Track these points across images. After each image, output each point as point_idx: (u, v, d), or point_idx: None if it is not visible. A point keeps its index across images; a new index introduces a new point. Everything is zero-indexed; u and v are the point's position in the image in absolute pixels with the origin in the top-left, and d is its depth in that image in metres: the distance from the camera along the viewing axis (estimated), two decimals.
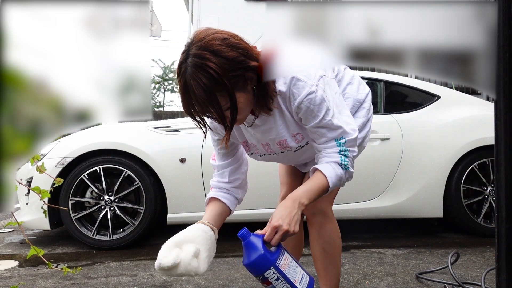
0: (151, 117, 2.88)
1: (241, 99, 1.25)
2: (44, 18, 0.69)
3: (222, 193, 1.53)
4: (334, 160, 1.35)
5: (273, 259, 1.20)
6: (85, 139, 3.13)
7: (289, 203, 1.29)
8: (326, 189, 1.35)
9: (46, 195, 1.50)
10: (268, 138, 1.45)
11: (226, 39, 1.21)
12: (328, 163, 1.35)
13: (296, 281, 1.22)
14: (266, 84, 1.28)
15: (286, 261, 1.24)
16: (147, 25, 1.11)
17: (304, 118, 1.35)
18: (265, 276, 1.20)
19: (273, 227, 1.23)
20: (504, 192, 0.93)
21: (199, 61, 1.17)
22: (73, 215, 3.03)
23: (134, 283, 2.33)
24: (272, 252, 1.22)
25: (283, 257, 1.24)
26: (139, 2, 0.75)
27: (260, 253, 1.19)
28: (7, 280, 2.39)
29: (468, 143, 3.21)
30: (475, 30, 0.95)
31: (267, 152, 1.52)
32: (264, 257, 1.19)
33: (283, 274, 1.20)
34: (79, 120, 0.70)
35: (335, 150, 1.35)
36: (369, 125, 1.65)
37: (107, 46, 0.72)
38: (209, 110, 1.21)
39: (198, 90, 1.17)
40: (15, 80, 0.65)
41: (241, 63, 1.20)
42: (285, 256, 1.25)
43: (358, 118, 1.61)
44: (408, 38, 0.95)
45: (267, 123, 1.41)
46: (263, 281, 1.22)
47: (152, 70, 20.02)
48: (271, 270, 1.19)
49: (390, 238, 3.33)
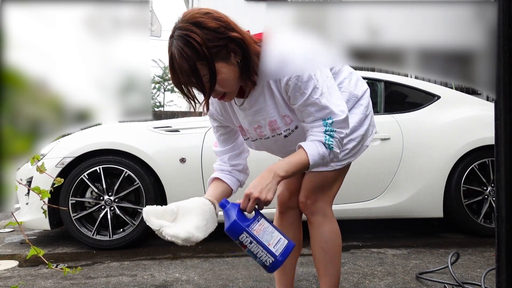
0: (151, 117, 2.88)
1: (224, 69, 1.29)
2: (44, 18, 0.69)
3: (224, 174, 1.58)
4: (318, 139, 1.37)
5: (246, 225, 1.30)
6: (85, 139, 3.13)
7: (265, 173, 1.35)
8: (306, 166, 1.37)
9: (46, 195, 1.50)
10: (259, 119, 1.47)
11: (209, 13, 1.29)
12: (312, 141, 1.38)
13: (270, 244, 1.30)
14: (249, 56, 1.32)
15: (261, 226, 1.32)
16: (147, 25, 1.12)
17: (293, 96, 1.37)
18: (240, 240, 1.30)
19: (245, 195, 1.31)
20: (504, 192, 0.93)
21: (183, 32, 1.25)
22: (73, 215, 3.03)
23: (134, 283, 2.33)
24: (246, 218, 1.32)
25: (258, 223, 1.33)
26: (139, 2, 0.75)
27: (233, 219, 1.30)
28: (7, 280, 2.39)
29: (468, 143, 3.21)
30: (475, 30, 0.95)
31: (259, 136, 1.54)
32: (236, 223, 1.29)
33: (256, 238, 1.30)
34: (79, 120, 0.70)
35: (321, 130, 1.38)
36: (367, 123, 1.65)
37: (107, 46, 0.72)
38: (191, 80, 1.27)
39: (180, 59, 1.24)
40: (15, 80, 0.65)
41: (222, 33, 1.27)
42: (260, 222, 1.33)
43: (354, 115, 1.61)
44: (408, 38, 0.95)
45: (257, 103, 1.43)
46: (240, 244, 1.32)
47: (152, 70, 20.01)
48: (244, 234, 1.29)
49: (390, 238, 3.33)
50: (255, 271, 2.51)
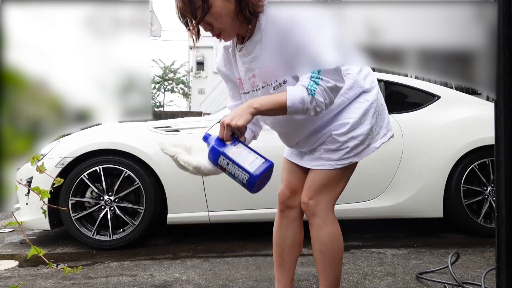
0: (151, 117, 2.88)
1: (218, 3, 1.36)
2: (44, 18, 0.69)
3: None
4: (302, 83, 1.40)
5: (222, 149, 1.43)
6: (85, 139, 3.13)
7: (242, 105, 1.42)
8: (284, 106, 1.39)
9: (46, 195, 1.50)
10: (255, 67, 1.51)
11: None
12: (296, 85, 1.42)
13: (245, 163, 1.40)
14: None
15: (237, 149, 1.43)
16: (147, 25, 1.13)
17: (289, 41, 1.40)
18: (220, 164, 1.43)
19: (220, 124, 1.42)
20: (504, 192, 0.93)
21: None
22: (73, 215, 3.03)
23: (134, 283, 2.33)
24: (224, 145, 1.44)
25: (234, 147, 1.44)
26: (139, 2, 0.75)
27: (211, 146, 1.44)
28: (7, 280, 2.39)
29: (468, 143, 3.21)
30: (475, 30, 0.95)
31: (252, 87, 1.56)
32: (214, 148, 1.43)
33: (232, 159, 1.41)
34: (79, 120, 0.70)
35: (307, 76, 1.40)
36: (372, 121, 1.61)
37: (107, 46, 0.72)
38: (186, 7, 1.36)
39: None
40: (15, 80, 0.65)
41: None
42: (237, 147, 1.44)
43: (356, 108, 1.59)
44: (408, 38, 0.95)
45: (255, 51, 1.48)
46: (221, 168, 1.45)
47: (152, 70, 20.00)
48: (221, 158, 1.42)
49: (390, 238, 3.33)
50: (255, 271, 2.51)
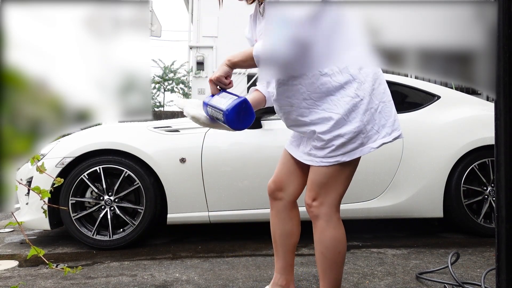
0: (151, 117, 2.88)
1: None
2: (44, 18, 0.69)
3: (262, 87, 1.81)
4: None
5: (207, 100, 1.63)
6: (85, 139, 3.13)
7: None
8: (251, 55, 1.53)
9: (46, 195, 1.50)
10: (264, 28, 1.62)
11: None
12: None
13: (221, 104, 1.56)
14: None
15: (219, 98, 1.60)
16: (147, 25, 1.12)
17: None
18: (209, 115, 1.63)
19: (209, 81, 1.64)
20: (504, 192, 0.93)
21: None
22: (73, 215, 3.03)
23: (134, 283, 2.33)
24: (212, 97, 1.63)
25: (218, 96, 1.62)
26: (139, 2, 0.75)
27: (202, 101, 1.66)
28: (7, 280, 2.39)
29: (468, 143, 3.21)
30: (475, 30, 0.95)
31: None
32: (203, 103, 1.65)
33: (211, 104, 1.60)
34: (79, 120, 0.70)
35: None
36: (362, 119, 1.52)
37: (107, 46, 0.72)
38: None
39: None
40: (15, 80, 0.65)
41: None
42: (221, 95, 1.61)
43: (342, 102, 1.50)
44: (408, 38, 0.95)
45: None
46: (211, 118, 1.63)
47: (152, 70, 19.99)
48: (207, 108, 1.63)
49: (390, 238, 3.33)
50: (255, 271, 2.51)
